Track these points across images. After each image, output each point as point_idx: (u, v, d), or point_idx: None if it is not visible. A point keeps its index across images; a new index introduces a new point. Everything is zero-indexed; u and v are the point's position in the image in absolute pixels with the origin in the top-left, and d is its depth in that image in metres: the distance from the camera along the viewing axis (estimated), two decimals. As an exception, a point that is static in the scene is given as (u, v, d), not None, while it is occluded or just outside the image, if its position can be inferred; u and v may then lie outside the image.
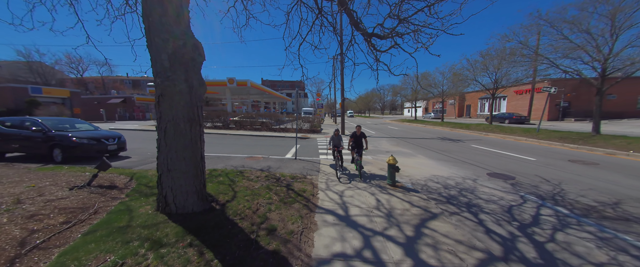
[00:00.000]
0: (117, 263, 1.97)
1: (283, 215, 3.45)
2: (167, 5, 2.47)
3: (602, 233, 3.42)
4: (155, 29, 2.50)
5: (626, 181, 5.66)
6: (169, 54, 2.55)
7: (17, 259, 2.06)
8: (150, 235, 2.40)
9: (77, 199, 3.33)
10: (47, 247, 2.24)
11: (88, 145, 7.16)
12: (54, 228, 2.53)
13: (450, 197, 4.71)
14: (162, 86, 2.59)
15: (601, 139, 9.74)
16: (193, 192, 2.88)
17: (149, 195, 3.55)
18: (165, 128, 2.66)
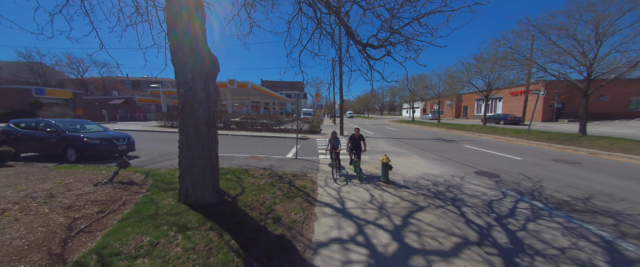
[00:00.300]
0: (153, 242, 2.40)
1: (286, 207, 3.89)
2: (189, 26, 2.91)
3: (569, 223, 3.88)
4: (180, 46, 2.94)
5: (603, 178, 6.13)
6: (191, 68, 2.99)
7: (68, 240, 2.49)
8: (176, 221, 2.83)
9: (104, 193, 3.76)
10: (90, 231, 2.67)
11: (100, 145, 7.57)
12: (92, 216, 2.96)
13: (438, 192, 5.17)
14: (185, 95, 3.03)
15: (586, 140, 10.24)
16: (209, 186, 3.32)
17: (167, 190, 3.98)
18: (187, 131, 3.10)
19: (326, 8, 5.04)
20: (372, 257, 2.75)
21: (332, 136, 6.52)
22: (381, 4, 5.33)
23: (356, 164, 5.93)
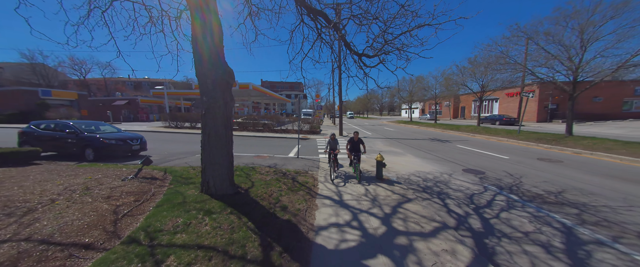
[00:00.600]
0: (186, 222, 2.97)
1: (291, 199, 4.46)
2: (211, 46, 3.48)
3: (537, 213, 4.46)
4: (203, 61, 3.51)
5: (579, 175, 6.71)
6: (212, 80, 3.56)
7: (117, 221, 3.06)
8: (202, 207, 3.40)
9: (134, 186, 4.33)
10: (132, 215, 3.24)
11: (116, 145, 8.14)
12: (131, 204, 3.53)
13: (426, 187, 5.75)
14: (207, 103, 3.60)
15: (572, 140, 10.83)
16: (226, 179, 3.90)
17: (187, 183, 4.56)
18: (209, 133, 3.67)
19: (326, 22, 5.62)
20: (363, 237, 3.33)
21: (330, 138, 6.71)
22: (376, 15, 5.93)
23: (356, 166, 6.06)
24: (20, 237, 2.60)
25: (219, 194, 3.83)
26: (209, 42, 3.45)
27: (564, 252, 3.24)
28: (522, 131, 14.12)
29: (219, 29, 3.62)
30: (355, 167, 6.07)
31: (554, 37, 11.07)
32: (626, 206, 4.70)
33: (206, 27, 3.43)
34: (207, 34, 3.42)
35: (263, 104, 55.40)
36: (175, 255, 2.40)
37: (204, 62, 3.54)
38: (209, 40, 3.44)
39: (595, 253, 3.22)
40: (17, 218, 3.02)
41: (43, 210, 3.26)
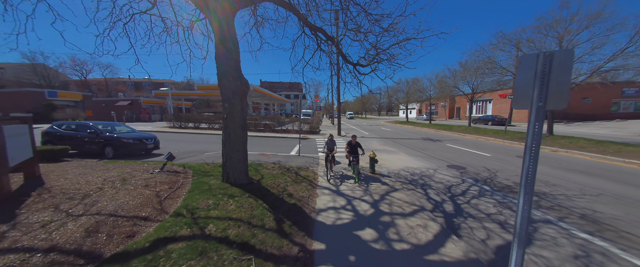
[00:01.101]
0: (216, 203, 3.78)
1: (296, 188, 5.28)
2: (231, 62, 4.28)
3: (502, 200, 5.30)
4: (225, 75, 4.32)
5: (549, 170, 7.58)
6: (232, 89, 4.36)
7: (162, 202, 3.87)
8: (225, 192, 4.21)
9: (163, 178, 5.13)
10: (171, 198, 4.04)
11: (133, 144, 8.92)
12: (167, 190, 4.33)
13: (413, 180, 6.60)
14: (228, 108, 4.40)
15: (551, 139, 11.73)
16: (242, 171, 4.71)
17: (207, 175, 5.37)
18: (229, 133, 4.47)
19: (325, 36, 6.44)
20: (355, 216, 4.16)
21: (328, 138, 6.84)
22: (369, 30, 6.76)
23: (355, 167, 6.19)
24: (91, 212, 3.41)
25: (237, 184, 4.64)
26: (229, 60, 4.27)
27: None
28: (508, 131, 15.03)
29: (237, 50, 4.44)
30: (354, 168, 6.21)
31: (536, 43, 11.98)
32: (579, 194, 5.56)
33: (228, 50, 4.25)
34: (228, 55, 4.24)
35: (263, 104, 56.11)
36: (213, 223, 3.21)
37: (226, 76, 4.35)
38: (229, 59, 4.26)
39: (541, 228, 4.07)
40: (79, 200, 3.81)
41: (97, 195, 4.06)
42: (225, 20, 4.25)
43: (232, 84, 4.36)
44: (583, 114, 29.07)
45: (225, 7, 4.18)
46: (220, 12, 4.19)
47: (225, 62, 4.34)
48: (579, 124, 25.19)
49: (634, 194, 5.49)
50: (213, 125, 21.36)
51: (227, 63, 4.34)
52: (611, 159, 8.55)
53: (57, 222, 3.07)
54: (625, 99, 30.42)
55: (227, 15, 4.26)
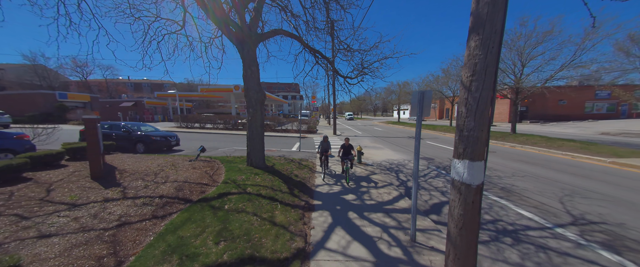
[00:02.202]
0: (247, 178, 5.56)
1: (299, 172, 7.10)
2: (255, 80, 6.07)
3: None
4: (250, 89, 6.10)
5: (498, 160, 9.51)
6: (255, 99, 6.15)
7: (212, 177, 5.65)
8: (251, 171, 6.00)
9: (201, 164, 6.87)
10: (217, 174, 5.82)
11: (160, 141, 10.61)
12: (210, 170, 6.09)
13: (390, 168, 8.47)
14: (252, 113, 6.19)
15: (512, 137, 13.77)
16: (261, 158, 6.50)
17: (234, 163, 7.14)
18: (252, 130, 6.26)
19: (321, 56, 8.26)
20: (342, 188, 6.00)
21: (323, 139, 7.10)
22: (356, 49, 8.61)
23: (348, 169, 6.36)
24: (171, 181, 5.16)
25: (258, 167, 6.43)
26: (253, 79, 6.07)
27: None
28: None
29: (258, 71, 6.24)
30: (347, 170, 6.39)
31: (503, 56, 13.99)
32: (510, 175, 7.49)
33: (252, 72, 6.05)
34: (252, 75, 6.04)
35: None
36: (250, 187, 5.01)
37: (250, 90, 6.15)
38: (253, 79, 6.07)
39: (470, 196, 5.95)
40: (154, 176, 5.56)
41: (163, 174, 5.80)
42: (252, 51, 6.05)
43: (254, 95, 6.16)
44: (559, 115, 31.52)
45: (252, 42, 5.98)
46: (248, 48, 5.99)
47: (250, 80, 6.14)
48: (553, 124, 27.51)
49: (551, 175, 7.45)
50: (217, 125, 23.00)
51: (251, 81, 6.14)
52: (553, 152, 10.57)
53: (153, 186, 4.83)
54: (598, 101, 32.98)
55: (253, 49, 6.07)
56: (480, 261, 3.36)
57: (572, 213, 4.81)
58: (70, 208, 3.71)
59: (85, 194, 4.26)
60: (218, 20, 5.76)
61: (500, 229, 4.22)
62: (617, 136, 16.66)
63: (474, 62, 2.28)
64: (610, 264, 3.27)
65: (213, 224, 3.47)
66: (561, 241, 3.84)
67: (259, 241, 3.24)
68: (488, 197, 5.73)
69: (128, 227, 3.30)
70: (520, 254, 3.49)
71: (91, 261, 2.55)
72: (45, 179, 4.99)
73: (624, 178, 7.05)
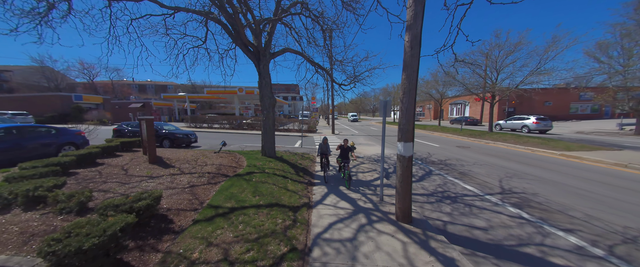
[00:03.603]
0: (264, 164, 7.34)
1: (303, 161, 8.89)
2: (268, 88, 7.87)
3: (423, 167, 9.00)
4: (264, 95, 7.90)
5: (468, 153, 11.32)
6: (268, 103, 7.93)
7: (237, 162, 7.43)
8: (266, 159, 7.77)
9: (226, 155, 8.64)
10: (240, 161, 7.60)
11: (183, 138, 12.39)
12: (234, 159, 7.87)
13: (377, 159, 10.27)
14: (266, 114, 7.98)
15: (488, 135, 15.59)
16: (272, 150, 8.29)
17: (250, 154, 8.93)
18: (266, 128, 8.05)
19: (320, 68, 10.05)
20: (336, 172, 7.80)
21: (322, 141, 7.03)
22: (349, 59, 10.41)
23: (346, 172, 6.10)
24: (211, 164, 6.94)
25: (270, 157, 8.22)
26: (267, 88, 7.88)
27: (420, 177, 7.80)
28: (464, 129, 18.89)
29: (270, 81, 8.03)
30: (345, 173, 6.16)
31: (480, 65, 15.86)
32: (471, 164, 9.29)
33: (266, 82, 7.85)
34: (266, 85, 7.85)
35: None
36: (267, 169, 6.79)
37: (264, 97, 7.95)
38: (267, 87, 7.87)
39: (431, 175, 7.75)
40: (195, 163, 7.33)
41: (201, 160, 7.57)
42: (266, 66, 7.86)
43: (268, 100, 7.95)
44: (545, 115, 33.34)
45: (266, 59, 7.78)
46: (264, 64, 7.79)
47: (264, 88, 7.94)
48: (538, 124, 29.40)
49: (505, 164, 9.25)
50: (224, 125, 24.77)
51: (265, 89, 7.94)
52: (518, 147, 12.39)
53: (198, 167, 6.61)
54: (582, 102, 34.87)
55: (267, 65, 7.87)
56: (423, 210, 5.18)
57: (503, 187, 6.62)
58: (151, 178, 5.49)
59: (154, 171, 6.04)
60: (241, 43, 7.55)
61: (445, 196, 6.04)
62: (589, 134, 18.54)
63: (404, 86, 4.08)
64: (510, 213, 5.06)
65: (248, 187, 5.26)
66: (484, 202, 5.64)
67: (280, 197, 5.04)
68: (446, 177, 7.55)
69: (196, 187, 5.07)
70: (451, 207, 5.30)
71: (185, 200, 4.33)
72: (115, 163, 6.76)
73: (562, 166, 8.88)
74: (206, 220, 3.72)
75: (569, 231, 4.26)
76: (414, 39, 3.86)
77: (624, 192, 6.12)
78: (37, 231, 3.09)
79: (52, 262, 2.05)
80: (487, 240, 4.00)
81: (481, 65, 15.60)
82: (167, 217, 3.70)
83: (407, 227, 4.21)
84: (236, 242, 3.25)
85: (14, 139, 7.34)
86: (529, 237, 4.08)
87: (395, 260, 3.24)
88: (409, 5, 3.84)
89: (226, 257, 2.89)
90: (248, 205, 4.41)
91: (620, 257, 3.55)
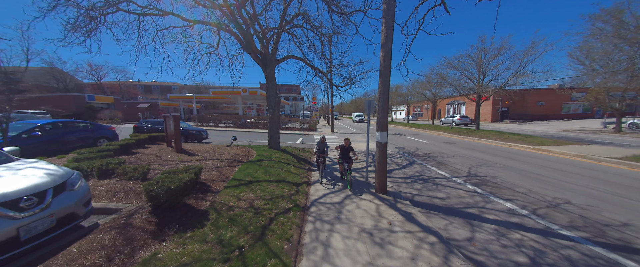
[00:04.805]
0: (271, 154, 8.69)
1: (303, 154, 10.23)
2: (273, 89, 9.22)
3: (409, 159, 10.32)
4: (271, 96, 9.25)
5: (452, 148, 12.61)
6: (273, 103, 9.28)
7: (249, 153, 8.79)
8: (272, 150, 9.11)
9: (237, 148, 10.00)
10: (250, 152, 8.96)
11: (196, 134, 13.77)
12: (245, 150, 9.23)
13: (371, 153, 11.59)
14: (271, 112, 9.33)
15: (475, 133, 16.87)
16: (278, 143, 9.64)
17: (258, 147, 10.28)
18: (272, 125, 9.40)
19: (320, 72, 11.41)
20: (332, 162, 9.15)
21: (320, 140, 6.74)
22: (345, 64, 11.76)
23: (348, 173, 5.88)
24: (226, 154, 8.30)
25: (276, 149, 9.59)
26: (272, 89, 9.24)
27: (403, 165, 9.13)
28: (454, 127, 20.18)
29: (275, 83, 9.39)
30: (347, 175, 5.93)
31: (466, 66, 17.17)
32: (451, 156, 10.58)
33: (272, 84, 9.22)
34: (272, 87, 9.21)
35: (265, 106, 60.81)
36: (274, 157, 8.14)
37: (270, 97, 9.31)
38: (273, 89, 9.23)
39: (414, 165, 9.08)
40: (213, 152, 8.69)
41: (218, 151, 8.93)
42: (272, 71, 9.22)
43: (273, 100, 9.31)
44: (537, 115, 34.55)
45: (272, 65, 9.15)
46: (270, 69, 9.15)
47: (270, 90, 9.30)
48: (530, 123, 30.56)
49: (479, 156, 10.55)
50: (229, 124, 26.18)
51: (271, 90, 9.30)
52: (498, 142, 13.67)
53: (218, 156, 7.96)
54: (574, 103, 36.00)
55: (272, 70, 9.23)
56: (399, 187, 6.51)
57: (470, 173, 7.94)
58: (182, 162, 6.84)
59: (183, 157, 7.41)
60: (250, 51, 8.91)
61: (420, 178, 7.37)
62: (574, 132, 19.75)
63: (380, 90, 5.41)
64: (467, 189, 6.37)
65: (260, 169, 6.61)
66: (451, 182, 6.96)
67: (285, 177, 6.38)
68: (425, 166, 8.88)
69: (220, 168, 6.42)
70: (422, 185, 6.63)
71: (215, 175, 5.69)
72: (147, 152, 8.13)
73: (530, 157, 10.16)
74: (233, 187, 5.08)
75: (508, 200, 5.57)
76: (386, 55, 5.20)
77: (571, 175, 7.41)
78: (118, 190, 4.45)
79: (150, 197, 3.40)
80: (443, 205, 5.33)
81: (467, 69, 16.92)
82: (206, 184, 5.05)
83: (382, 196, 5.55)
84: (256, 199, 4.61)
85: (62, 132, 8.76)
86: (475, 203, 5.41)
87: (369, 213, 4.58)
88: (382, 30, 5.19)
89: (251, 205, 4.25)
90: (262, 180, 5.77)
91: (538, 215, 4.84)
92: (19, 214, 2.45)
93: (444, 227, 4.31)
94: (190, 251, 2.77)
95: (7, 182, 2.62)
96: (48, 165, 3.29)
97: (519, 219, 4.64)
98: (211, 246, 2.95)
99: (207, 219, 3.56)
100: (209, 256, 2.72)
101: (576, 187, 6.32)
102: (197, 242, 2.95)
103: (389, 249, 3.38)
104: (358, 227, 3.98)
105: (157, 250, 2.76)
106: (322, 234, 3.72)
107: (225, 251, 2.85)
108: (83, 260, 2.40)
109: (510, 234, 4.04)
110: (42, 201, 2.67)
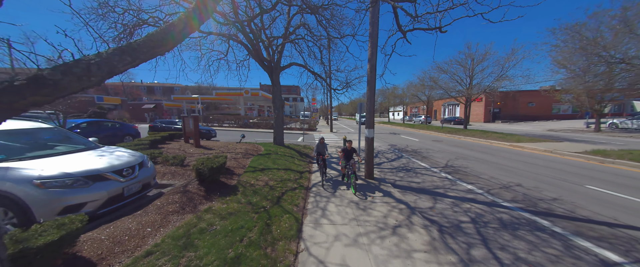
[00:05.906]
0: (277, 150, 10.01)
1: (304, 150, 11.57)
2: (278, 93, 10.55)
3: (399, 154, 11.67)
4: (276, 99, 10.58)
5: (438, 144, 13.96)
6: (278, 105, 10.61)
7: (258, 148, 10.12)
8: (278, 147, 10.44)
9: (246, 144, 11.31)
10: (258, 148, 10.29)
11: (206, 133, 15.06)
12: (254, 146, 10.55)
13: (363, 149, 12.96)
14: (276, 113, 10.66)
15: (462, 132, 18.24)
16: (281, 140, 10.97)
17: (264, 143, 11.60)
18: (277, 124, 10.73)
19: (320, 77, 12.75)
20: (331, 157, 10.49)
21: (319, 141, 6.67)
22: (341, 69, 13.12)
23: (351, 177, 5.69)
24: (238, 148, 9.62)
25: (280, 145, 10.92)
26: (277, 92, 10.58)
27: (392, 159, 10.50)
28: (444, 127, 21.57)
29: (280, 87, 10.72)
30: (350, 177, 5.77)
31: (455, 70, 18.57)
32: (435, 152, 11.93)
33: (277, 88, 10.55)
34: (277, 91, 10.55)
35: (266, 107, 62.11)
36: (279, 152, 9.47)
37: (276, 100, 10.65)
38: (278, 93, 10.57)
39: (400, 159, 10.44)
40: (226, 149, 10.00)
41: (230, 146, 10.25)
42: (277, 76, 10.57)
43: (278, 102, 10.66)
44: (529, 115, 35.99)
45: (277, 71, 10.50)
46: (276, 75, 10.50)
47: (276, 93, 10.64)
48: (520, 123, 31.99)
49: (459, 151, 11.90)
50: (232, 124, 27.47)
51: (276, 94, 10.64)
52: (481, 140, 15.04)
53: (232, 150, 9.27)
54: (564, 104, 37.42)
55: (277, 75, 10.58)
56: (385, 175, 7.85)
57: (447, 164, 9.28)
58: (204, 154, 8.17)
59: (204, 151, 8.73)
60: (258, 59, 10.24)
61: (404, 169, 8.72)
62: (558, 131, 21.16)
63: (367, 95, 6.76)
64: (441, 176, 7.71)
65: (269, 161, 7.94)
66: (429, 171, 8.30)
67: (290, 166, 7.72)
68: (411, 159, 10.23)
69: (237, 159, 7.75)
70: (404, 174, 7.98)
71: (235, 164, 7.02)
72: (170, 147, 9.43)
73: (504, 152, 11.52)
74: (250, 172, 6.41)
75: (471, 183, 6.91)
76: (372, 67, 6.55)
77: (532, 166, 8.75)
78: (165, 172, 5.77)
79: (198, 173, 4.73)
80: (417, 187, 6.67)
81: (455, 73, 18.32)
82: (230, 169, 6.39)
83: (369, 180, 6.90)
84: (270, 180, 5.95)
85: (95, 130, 10.07)
86: (443, 185, 6.75)
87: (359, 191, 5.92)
88: (368, 48, 6.54)
89: (267, 184, 5.59)
90: (272, 168, 7.11)
91: (490, 193, 6.17)
92: (123, 179, 3.78)
93: (413, 201, 5.65)
94: (232, 207, 4.11)
95: (110, 160, 3.95)
96: (127, 150, 4.62)
97: (473, 195, 5.98)
98: (244, 205, 4.28)
99: (237, 191, 4.90)
100: (245, 209, 4.06)
101: (531, 175, 7.67)
102: (234, 202, 4.28)
103: (369, 212, 4.72)
104: (347, 199, 5.32)
105: (210, 206, 4.09)
106: (320, 203, 5.06)
107: (255, 208, 4.19)
108: (167, 208, 3.74)
109: (463, 205, 5.38)
110: (133, 172, 4.00)
